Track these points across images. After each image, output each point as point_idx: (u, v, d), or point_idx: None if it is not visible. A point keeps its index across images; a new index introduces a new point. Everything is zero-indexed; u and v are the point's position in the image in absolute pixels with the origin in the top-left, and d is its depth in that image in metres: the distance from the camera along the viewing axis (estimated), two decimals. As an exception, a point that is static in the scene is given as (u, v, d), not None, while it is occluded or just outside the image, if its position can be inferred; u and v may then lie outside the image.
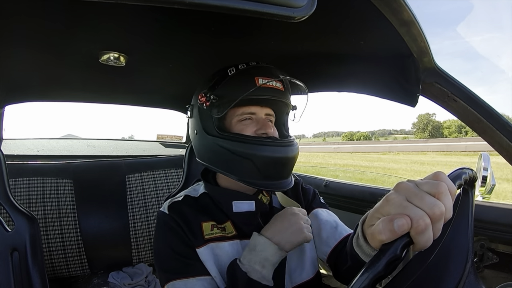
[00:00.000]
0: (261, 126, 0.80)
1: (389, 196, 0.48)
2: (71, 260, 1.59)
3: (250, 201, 0.83)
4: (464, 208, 0.57)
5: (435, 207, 0.43)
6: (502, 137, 0.89)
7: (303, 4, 0.49)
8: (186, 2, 0.45)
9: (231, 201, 0.83)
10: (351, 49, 0.93)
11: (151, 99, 1.93)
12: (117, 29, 0.88)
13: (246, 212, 0.83)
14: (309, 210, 0.93)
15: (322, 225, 0.90)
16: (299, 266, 0.86)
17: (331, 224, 0.90)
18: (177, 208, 0.82)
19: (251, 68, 0.80)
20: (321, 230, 0.89)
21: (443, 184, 0.45)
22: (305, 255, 0.87)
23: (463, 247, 0.55)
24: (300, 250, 0.86)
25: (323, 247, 0.88)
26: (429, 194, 0.45)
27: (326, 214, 0.93)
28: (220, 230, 0.81)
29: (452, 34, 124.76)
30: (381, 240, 0.45)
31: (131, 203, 1.75)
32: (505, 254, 1.06)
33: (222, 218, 0.83)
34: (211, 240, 0.79)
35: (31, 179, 1.58)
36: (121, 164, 1.84)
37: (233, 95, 0.76)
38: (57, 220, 1.58)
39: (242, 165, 0.76)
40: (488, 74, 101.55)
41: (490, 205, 1.08)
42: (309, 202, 0.95)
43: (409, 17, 0.69)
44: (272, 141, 0.78)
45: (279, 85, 0.81)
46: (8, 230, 1.02)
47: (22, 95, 1.57)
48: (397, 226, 0.43)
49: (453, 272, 0.53)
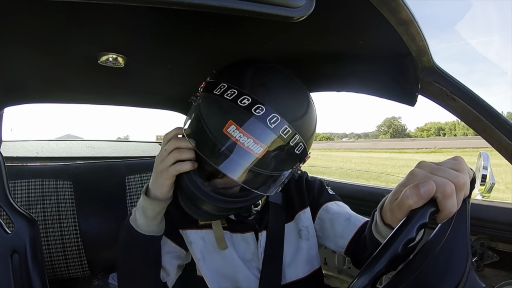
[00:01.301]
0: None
1: (413, 170, 0.51)
2: (71, 261, 1.59)
3: None
4: (462, 212, 0.58)
5: (459, 177, 0.47)
6: (501, 135, 0.89)
7: (301, 4, 0.49)
8: (184, 2, 0.45)
9: None
10: (350, 49, 0.93)
11: (150, 100, 1.93)
12: (116, 30, 0.88)
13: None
14: (317, 206, 0.93)
15: (334, 219, 0.90)
16: (293, 263, 0.87)
17: (344, 216, 0.90)
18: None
19: None
20: (335, 224, 0.90)
21: (464, 163, 0.49)
22: (301, 252, 0.88)
23: (463, 248, 0.56)
24: (296, 247, 0.88)
25: (339, 240, 0.88)
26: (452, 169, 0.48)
27: (336, 207, 0.93)
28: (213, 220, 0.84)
29: (449, 37, 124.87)
30: (409, 205, 0.47)
31: (131, 204, 1.75)
32: (505, 252, 1.06)
33: None
34: (204, 227, 0.83)
35: (31, 181, 1.58)
36: (121, 165, 1.84)
37: None
38: (57, 221, 1.58)
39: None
40: (485, 77, 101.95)
41: (490, 204, 1.08)
42: (315, 197, 0.94)
43: (407, 16, 0.69)
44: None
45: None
46: (8, 232, 1.02)
47: (21, 97, 1.57)
48: (424, 190, 0.46)
49: (454, 271, 0.53)
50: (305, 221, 0.91)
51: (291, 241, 0.89)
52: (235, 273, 0.82)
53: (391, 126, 50.27)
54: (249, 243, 0.85)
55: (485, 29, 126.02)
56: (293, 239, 0.89)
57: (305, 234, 0.90)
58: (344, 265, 1.55)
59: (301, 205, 0.92)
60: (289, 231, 0.89)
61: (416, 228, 0.46)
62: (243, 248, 0.85)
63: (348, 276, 1.56)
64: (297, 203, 0.92)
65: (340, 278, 1.59)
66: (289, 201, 0.92)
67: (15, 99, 1.57)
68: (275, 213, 0.88)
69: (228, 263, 0.83)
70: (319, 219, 0.93)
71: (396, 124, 50.08)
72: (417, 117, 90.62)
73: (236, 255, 0.83)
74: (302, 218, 0.91)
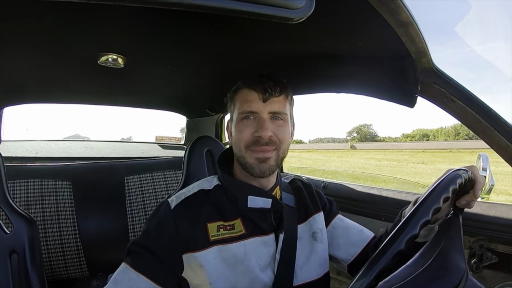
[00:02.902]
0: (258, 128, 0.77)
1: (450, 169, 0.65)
2: (70, 262, 1.58)
3: (266, 198, 0.79)
4: (455, 228, 0.61)
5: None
6: (500, 137, 0.89)
7: (301, 6, 0.50)
8: (184, 3, 0.45)
9: (247, 195, 0.78)
10: (350, 50, 0.93)
11: (150, 100, 1.93)
12: (116, 31, 0.88)
13: (261, 209, 0.79)
14: (331, 214, 0.95)
15: (349, 228, 0.94)
16: (306, 264, 0.84)
17: (357, 228, 0.94)
18: (185, 208, 0.78)
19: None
20: (349, 233, 0.93)
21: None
22: (315, 254, 0.86)
23: (459, 255, 0.57)
24: (310, 249, 0.86)
25: (351, 248, 0.91)
26: None
27: (347, 219, 0.97)
28: (228, 230, 0.77)
29: (455, 43, 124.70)
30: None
31: (130, 204, 1.75)
32: (504, 254, 1.06)
33: (233, 215, 0.79)
34: (217, 242, 0.76)
35: (30, 181, 1.58)
36: (120, 166, 1.84)
37: None
38: (55, 222, 1.57)
39: None
40: (491, 84, 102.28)
41: (489, 205, 1.08)
42: (327, 207, 0.96)
43: (407, 18, 0.69)
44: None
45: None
46: (6, 232, 1.01)
47: (20, 97, 1.57)
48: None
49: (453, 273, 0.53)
50: (319, 224, 0.90)
51: (304, 242, 0.86)
52: (250, 285, 0.77)
53: (359, 132, 57.97)
54: (270, 246, 0.80)
55: (492, 35, 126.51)
56: (306, 241, 0.87)
57: (320, 236, 0.88)
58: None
59: (315, 209, 0.91)
60: (302, 232, 0.87)
61: (420, 225, 0.50)
62: (262, 252, 0.80)
63: (347, 277, 1.56)
64: (311, 206, 0.91)
65: (339, 279, 1.59)
66: (302, 204, 0.90)
67: (15, 99, 1.57)
68: (289, 214, 0.86)
69: (243, 277, 0.77)
70: (332, 227, 0.93)
71: (364, 130, 57.48)
72: (405, 125, 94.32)
73: (252, 266, 0.77)
74: (317, 221, 0.90)
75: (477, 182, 0.66)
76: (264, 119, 0.76)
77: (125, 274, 0.73)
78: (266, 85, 0.75)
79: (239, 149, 0.78)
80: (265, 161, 0.76)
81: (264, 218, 0.81)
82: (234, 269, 0.76)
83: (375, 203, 1.41)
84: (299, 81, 1.26)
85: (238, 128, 0.78)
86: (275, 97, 0.77)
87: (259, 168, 0.76)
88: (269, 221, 0.81)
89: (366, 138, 55.39)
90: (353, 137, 57.83)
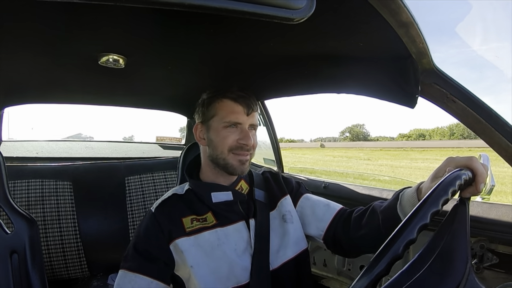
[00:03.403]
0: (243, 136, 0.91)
1: (450, 157, 0.72)
2: (70, 262, 1.59)
3: (226, 191, 0.93)
4: (461, 215, 0.60)
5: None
6: (501, 137, 0.89)
7: (302, 6, 0.50)
8: (185, 3, 0.45)
9: (210, 192, 0.92)
10: (350, 51, 0.93)
11: (151, 101, 1.93)
12: (117, 31, 0.88)
13: (225, 202, 0.92)
14: (298, 196, 1.05)
15: (315, 205, 1.02)
16: (282, 247, 0.94)
17: (323, 203, 1.02)
18: (162, 208, 0.91)
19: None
20: (315, 209, 1.01)
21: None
22: (287, 235, 0.96)
23: (463, 249, 0.56)
24: (282, 233, 0.96)
25: (320, 223, 0.98)
26: None
27: (315, 196, 1.06)
28: (201, 222, 0.89)
29: (457, 43, 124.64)
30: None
31: (131, 205, 1.75)
32: (505, 254, 1.05)
33: (204, 210, 0.91)
34: (192, 233, 0.87)
35: (30, 181, 1.58)
36: (120, 166, 1.84)
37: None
38: (56, 222, 1.57)
39: None
40: (494, 84, 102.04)
41: (490, 206, 1.08)
42: (294, 189, 1.06)
43: (407, 18, 0.69)
44: None
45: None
46: (7, 232, 1.02)
47: (21, 97, 1.57)
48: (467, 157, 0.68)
49: (454, 273, 0.53)
50: (287, 207, 1.00)
51: (277, 227, 0.96)
52: (230, 270, 0.86)
53: (351, 132, 60.70)
54: (242, 232, 0.91)
55: (495, 35, 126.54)
56: (278, 225, 0.96)
57: (289, 218, 0.98)
58: (344, 267, 1.55)
59: (282, 194, 1.02)
60: (273, 218, 0.97)
61: (418, 229, 0.50)
62: (236, 238, 0.90)
63: (348, 277, 1.56)
64: (278, 193, 1.02)
65: (340, 279, 1.59)
66: (270, 193, 1.01)
67: (15, 99, 1.57)
68: (260, 205, 0.97)
69: (222, 262, 0.86)
70: (299, 207, 1.03)
71: (356, 130, 60.23)
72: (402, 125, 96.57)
73: (229, 251, 0.87)
74: (284, 204, 1.00)
75: (478, 175, 0.65)
76: (247, 130, 0.91)
77: (125, 278, 0.84)
78: (249, 101, 0.91)
79: (221, 151, 0.90)
80: (245, 163, 0.92)
81: (232, 210, 0.93)
82: (212, 254, 0.86)
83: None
84: (299, 81, 1.27)
85: (223, 134, 0.90)
86: (254, 111, 0.93)
87: (240, 169, 0.91)
88: (237, 210, 0.93)
89: (358, 138, 57.91)
90: (346, 136, 60.62)
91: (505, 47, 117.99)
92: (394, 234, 0.52)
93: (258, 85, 1.37)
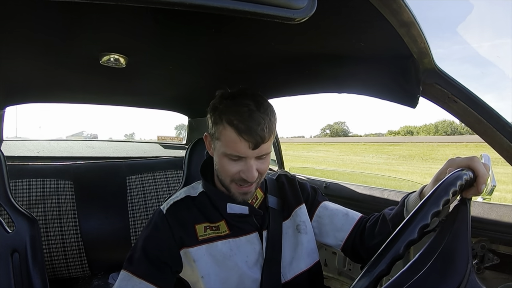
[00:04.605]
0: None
1: (451, 159, 0.70)
2: (71, 261, 1.59)
3: (243, 206, 0.86)
4: (463, 215, 0.60)
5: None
6: (502, 138, 0.89)
7: (303, 6, 0.50)
8: (186, 3, 0.45)
9: (225, 202, 0.85)
10: (351, 50, 0.93)
11: (151, 100, 1.93)
12: (118, 31, 0.88)
13: (240, 214, 0.86)
14: (315, 204, 0.98)
15: (333, 215, 0.96)
16: (295, 258, 0.90)
17: (342, 212, 0.97)
18: (175, 211, 0.85)
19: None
20: (334, 219, 0.95)
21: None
22: (301, 246, 0.91)
23: (464, 249, 0.56)
24: (295, 244, 0.91)
25: (338, 233, 0.94)
26: None
27: (333, 204, 1.00)
28: (214, 230, 0.85)
29: (461, 39, 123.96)
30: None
31: (132, 204, 1.75)
32: (506, 255, 1.05)
33: (217, 218, 0.86)
34: (205, 241, 0.83)
35: (32, 180, 1.58)
36: (121, 166, 1.84)
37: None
38: (57, 221, 1.58)
39: None
40: (497, 80, 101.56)
41: (491, 206, 1.08)
42: (310, 197, 0.99)
43: (409, 18, 0.69)
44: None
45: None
46: (8, 231, 1.02)
47: (22, 97, 1.57)
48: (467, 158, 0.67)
49: (455, 273, 0.53)
50: (302, 217, 0.95)
51: (290, 237, 0.92)
52: (240, 281, 0.83)
53: (331, 129, 62.98)
54: (254, 244, 0.87)
55: (498, 31, 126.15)
56: (291, 235, 0.92)
57: (303, 228, 0.93)
58: (345, 267, 1.55)
59: (297, 202, 0.96)
60: (287, 228, 0.92)
61: (418, 229, 0.50)
62: (248, 250, 0.86)
63: (348, 277, 1.56)
64: (293, 201, 0.96)
65: (340, 279, 1.59)
66: (285, 201, 0.95)
67: (16, 98, 1.57)
68: (274, 214, 0.92)
69: (233, 273, 0.83)
70: (317, 216, 0.97)
71: (336, 127, 62.47)
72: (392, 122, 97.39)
73: (240, 262, 0.84)
74: (299, 214, 0.95)
75: (479, 176, 0.63)
76: (252, 164, 0.78)
77: (128, 282, 0.79)
78: (257, 137, 0.74)
79: (224, 178, 0.82)
80: (247, 193, 0.83)
81: (245, 221, 0.88)
82: (223, 265, 0.83)
83: (376, 204, 1.40)
84: (300, 81, 1.27)
85: (223, 162, 0.80)
86: (264, 143, 0.77)
87: (241, 198, 0.84)
88: (251, 222, 0.88)
89: (337, 134, 59.68)
90: (325, 133, 62.39)
91: (508, 43, 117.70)
92: (395, 234, 0.52)
93: (259, 84, 1.37)
